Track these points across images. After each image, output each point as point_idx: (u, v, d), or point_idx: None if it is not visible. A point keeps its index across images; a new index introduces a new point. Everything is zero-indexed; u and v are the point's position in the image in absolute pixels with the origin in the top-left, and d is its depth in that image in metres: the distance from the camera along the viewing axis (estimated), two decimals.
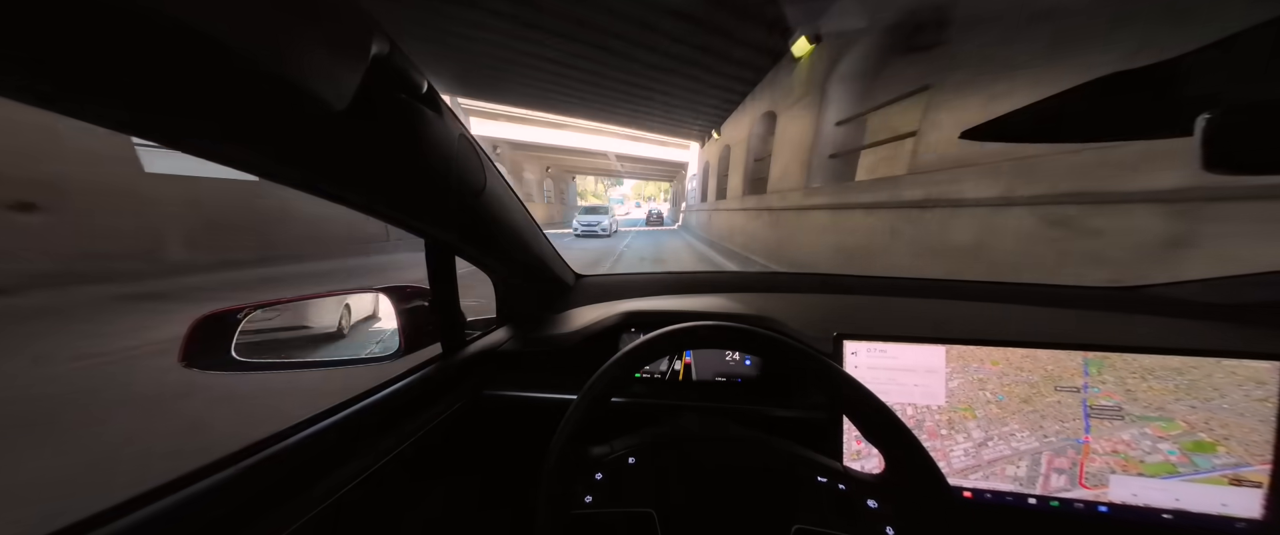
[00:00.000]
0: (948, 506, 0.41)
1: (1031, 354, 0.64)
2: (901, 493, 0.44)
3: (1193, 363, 0.58)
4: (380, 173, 0.48)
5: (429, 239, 0.72)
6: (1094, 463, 0.63)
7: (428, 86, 0.46)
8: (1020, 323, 0.87)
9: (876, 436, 0.44)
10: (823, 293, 1.12)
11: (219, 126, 0.31)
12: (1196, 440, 0.59)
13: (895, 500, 0.44)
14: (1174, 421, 0.60)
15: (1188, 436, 0.59)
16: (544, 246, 0.99)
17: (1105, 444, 0.63)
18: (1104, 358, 0.62)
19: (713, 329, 0.48)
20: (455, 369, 0.80)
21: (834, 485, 0.46)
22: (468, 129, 0.60)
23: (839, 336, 0.68)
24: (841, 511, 0.44)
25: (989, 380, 0.66)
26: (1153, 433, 0.61)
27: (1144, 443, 0.61)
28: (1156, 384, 0.60)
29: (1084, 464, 0.63)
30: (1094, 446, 0.63)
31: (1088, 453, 0.63)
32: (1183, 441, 0.59)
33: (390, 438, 0.62)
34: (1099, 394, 0.62)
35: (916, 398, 0.68)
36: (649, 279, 1.23)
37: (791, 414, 0.77)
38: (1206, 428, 0.58)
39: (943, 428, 0.67)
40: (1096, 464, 0.63)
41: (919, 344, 0.67)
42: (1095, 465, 0.63)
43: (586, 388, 0.48)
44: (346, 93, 0.33)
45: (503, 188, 0.74)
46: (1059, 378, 0.64)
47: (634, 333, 0.90)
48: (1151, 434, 0.61)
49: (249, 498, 0.44)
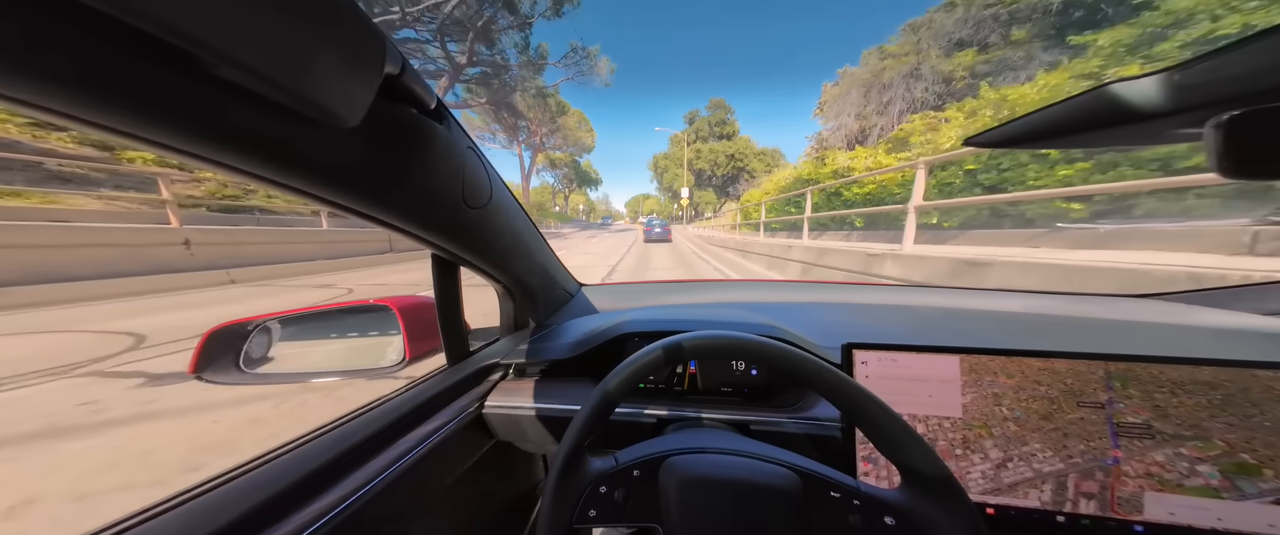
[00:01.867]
0: (970, 524, 0.40)
1: (1049, 367, 0.61)
2: (919, 513, 0.42)
3: (1226, 376, 0.54)
4: (389, 186, 0.48)
5: (435, 250, 0.72)
6: (1126, 486, 0.58)
7: (437, 101, 0.47)
8: (1037, 333, 0.83)
9: (891, 449, 0.43)
10: (829, 300, 1.10)
11: (236, 141, 0.32)
12: (1239, 462, 0.54)
13: (913, 519, 0.42)
14: (1212, 441, 0.55)
15: (1228, 458, 0.54)
16: (547, 256, 0.99)
17: (1137, 466, 0.58)
18: (1128, 370, 0.58)
19: (723, 342, 0.48)
20: (459, 380, 0.80)
21: (848, 502, 0.44)
22: (474, 142, 0.61)
23: (848, 346, 0.66)
24: (856, 530, 0.43)
25: (1004, 395, 0.62)
26: (1189, 453, 0.56)
27: (1180, 464, 0.56)
28: (1188, 399, 0.56)
29: (1115, 488, 0.58)
30: (1125, 468, 0.58)
31: (1119, 475, 0.58)
32: (1223, 463, 0.54)
33: (393, 450, 0.61)
34: (1125, 410, 0.58)
35: (930, 409, 0.64)
36: (651, 287, 1.24)
37: (802, 426, 0.74)
38: (1248, 448, 0.53)
39: (957, 448, 0.63)
40: (1129, 488, 0.58)
41: (932, 353, 0.64)
42: (1128, 489, 0.58)
43: (592, 398, 0.47)
44: (360, 109, 0.34)
45: (508, 198, 0.75)
46: (1080, 392, 0.60)
47: (638, 342, 0.89)
48: (1188, 455, 0.56)
49: (248, 514, 0.43)
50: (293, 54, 0.28)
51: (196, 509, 0.42)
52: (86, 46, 0.22)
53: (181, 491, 0.44)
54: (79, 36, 0.22)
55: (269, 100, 0.30)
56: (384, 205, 0.50)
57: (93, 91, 0.24)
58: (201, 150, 0.31)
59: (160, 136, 0.29)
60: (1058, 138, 0.52)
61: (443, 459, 0.72)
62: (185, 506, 0.42)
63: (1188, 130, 0.39)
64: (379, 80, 0.35)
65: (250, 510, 0.43)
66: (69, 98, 0.24)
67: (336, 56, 0.30)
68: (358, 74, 0.33)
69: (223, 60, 0.25)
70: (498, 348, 0.93)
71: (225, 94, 0.29)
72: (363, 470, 0.56)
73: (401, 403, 0.67)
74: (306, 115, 0.33)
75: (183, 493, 0.44)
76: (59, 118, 0.25)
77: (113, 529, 0.40)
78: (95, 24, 0.22)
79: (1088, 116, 0.44)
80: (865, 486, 0.45)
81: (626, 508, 0.46)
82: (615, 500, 0.46)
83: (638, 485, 0.47)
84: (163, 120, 0.28)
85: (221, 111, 0.30)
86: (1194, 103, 0.35)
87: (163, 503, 0.42)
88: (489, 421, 0.84)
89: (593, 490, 0.47)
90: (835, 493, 0.45)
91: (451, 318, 0.81)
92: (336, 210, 0.48)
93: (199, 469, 1.87)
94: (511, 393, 0.86)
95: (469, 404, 0.80)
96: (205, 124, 0.30)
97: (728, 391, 0.84)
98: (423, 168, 0.50)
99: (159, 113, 0.27)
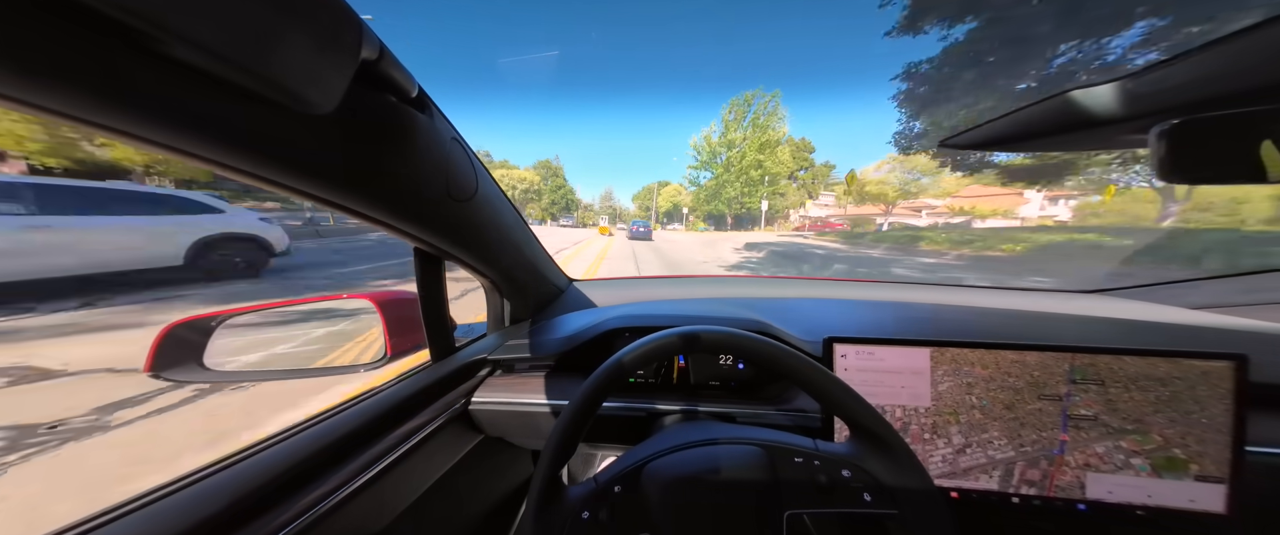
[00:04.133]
0: (909, 461, 0.44)
1: (1021, 359, 0.61)
2: (866, 458, 0.46)
3: (1178, 372, 0.56)
4: (369, 177, 0.46)
5: (418, 244, 0.69)
6: (1064, 476, 0.60)
7: (418, 90, 0.46)
8: (1011, 328, 0.88)
9: (866, 441, 0.46)
10: (813, 295, 1.14)
11: (203, 129, 0.30)
12: (1169, 456, 0.57)
13: (863, 464, 0.46)
14: (1149, 435, 0.58)
15: (1161, 452, 0.57)
16: (536, 251, 0.97)
17: (1078, 457, 0.60)
18: (1091, 365, 0.59)
19: (709, 335, 0.49)
20: (444, 376, 0.77)
21: (810, 463, 0.46)
22: (459, 132, 0.58)
23: (829, 340, 0.67)
24: (822, 489, 0.45)
25: (976, 384, 0.61)
26: (1126, 447, 0.59)
27: (1116, 457, 0.59)
28: (1139, 395, 0.58)
29: (1055, 476, 0.61)
30: (1068, 458, 0.60)
31: (1060, 464, 0.60)
32: (1155, 457, 0.58)
33: (376, 447, 0.60)
34: (1079, 402, 0.60)
35: (903, 399, 0.63)
36: (641, 282, 1.25)
37: (786, 417, 0.75)
38: (1181, 443, 0.57)
39: (927, 432, 0.62)
40: (1067, 477, 0.60)
41: (905, 346, 0.64)
42: (1066, 478, 0.60)
43: (575, 400, 0.47)
44: (334, 95, 0.32)
45: (495, 191, 0.72)
46: (1043, 385, 0.60)
47: (627, 337, 0.88)
48: (1125, 447, 0.59)
49: (224, 510, 0.42)
50: (256, 34, 0.26)
51: (171, 505, 0.41)
52: (31, 23, 0.20)
53: (155, 488, 0.42)
54: (18, 9, 0.20)
55: (233, 86, 0.28)
56: (363, 196, 0.48)
57: (34, 70, 0.22)
58: (161, 137, 0.29)
59: (115, 121, 0.26)
60: (1025, 141, 0.53)
61: (429, 455, 0.71)
62: (160, 503, 0.41)
63: (1135, 136, 0.41)
64: (354, 65, 0.34)
65: (227, 506, 0.42)
66: (8, 78, 0.21)
67: (306, 38, 0.29)
68: (331, 58, 0.31)
69: (177, 38, 0.24)
70: (484, 343, 0.91)
71: (184, 76, 0.26)
72: (345, 467, 0.55)
73: (384, 400, 0.66)
74: (277, 101, 0.30)
75: (156, 489, 0.42)
76: (27, 111, 0.23)
77: (86, 525, 0.38)
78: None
79: (1052, 121, 0.46)
80: (822, 445, 0.48)
81: (614, 527, 0.44)
82: (600, 521, 0.44)
83: (621, 500, 0.46)
84: (115, 102, 0.25)
85: (181, 94, 0.27)
86: (1142, 111, 0.38)
87: (135, 499, 0.41)
88: (476, 418, 0.82)
89: (574, 519, 0.44)
90: (798, 457, 0.47)
91: (436, 313, 0.78)
92: (314, 201, 0.45)
93: None
94: (499, 389, 0.84)
95: (455, 400, 0.78)
96: (164, 107, 0.27)
97: (715, 385, 0.85)
98: (404, 158, 0.48)
99: (110, 94, 0.25)
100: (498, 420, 0.82)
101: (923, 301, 1.05)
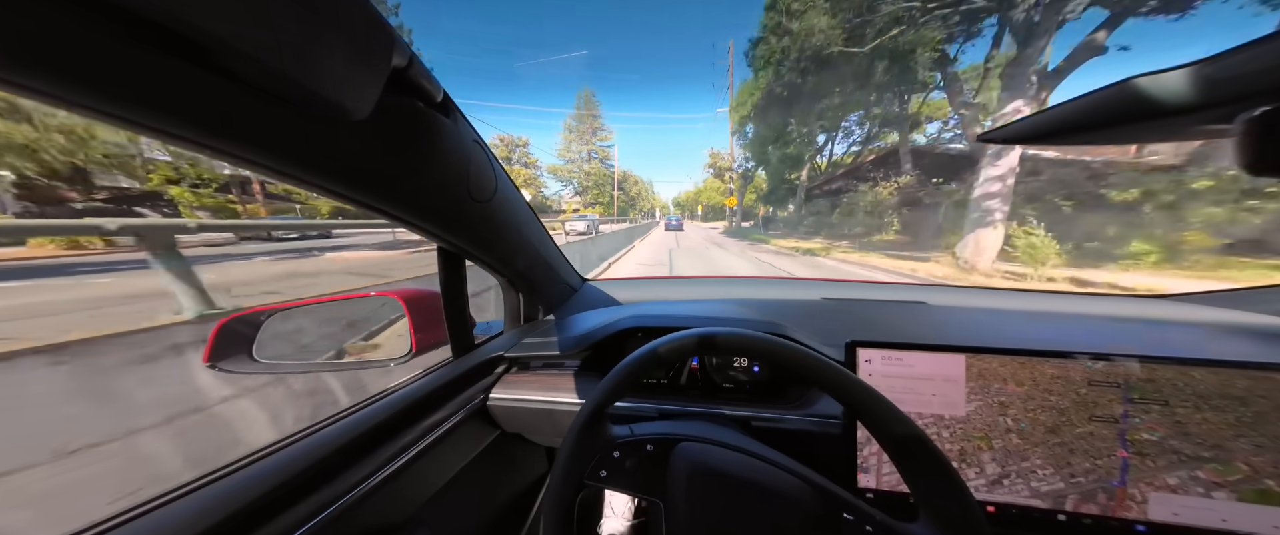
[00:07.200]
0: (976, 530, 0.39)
1: (1063, 374, 0.53)
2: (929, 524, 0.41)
3: (1262, 389, 0.47)
4: (397, 178, 0.48)
5: (441, 243, 0.71)
6: (1130, 511, 0.51)
7: (443, 95, 0.47)
8: (1051, 335, 0.80)
9: (899, 453, 0.41)
10: (832, 298, 1.10)
11: (245, 133, 0.32)
12: (1261, 488, 0.47)
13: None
14: (1233, 463, 0.48)
15: (1250, 483, 0.48)
16: (551, 251, 0.99)
17: (1144, 490, 0.51)
18: (1150, 382, 0.50)
19: (731, 338, 0.48)
20: (464, 372, 0.80)
21: (861, 527, 0.42)
22: (480, 135, 0.60)
23: (852, 344, 0.63)
24: None
25: (1011, 404, 0.54)
26: (1205, 477, 0.49)
27: (1195, 489, 0.49)
28: (1213, 416, 0.49)
29: (1116, 513, 0.51)
30: (1132, 491, 0.51)
31: (1122, 499, 0.51)
32: (1243, 489, 0.48)
33: (401, 440, 0.62)
34: (1140, 426, 0.51)
35: (936, 407, 0.57)
36: (655, 282, 1.26)
37: (802, 422, 0.72)
38: (1275, 473, 0.47)
39: (953, 459, 0.54)
40: (1131, 513, 0.51)
41: (937, 352, 0.58)
42: (1131, 514, 0.51)
43: (619, 368, 0.48)
44: (368, 102, 0.34)
45: (513, 192, 0.74)
46: (1095, 404, 0.52)
47: (641, 337, 0.88)
48: (1203, 478, 0.49)
49: (261, 498, 0.44)
50: (299, 45, 0.27)
51: (212, 494, 0.42)
52: (93, 36, 0.22)
53: (194, 478, 0.44)
54: (85, 24, 0.21)
55: (276, 93, 0.30)
56: (392, 198, 0.50)
57: (100, 80, 0.23)
58: (212, 142, 0.31)
59: (173, 127, 0.28)
60: (1076, 134, 0.48)
61: (449, 449, 0.73)
62: (201, 492, 0.42)
63: (1216, 126, 0.38)
64: (387, 73, 0.35)
65: (264, 494, 0.44)
66: (73, 86, 0.23)
67: (345, 50, 0.30)
68: (366, 67, 0.33)
69: (232, 55, 0.25)
70: (502, 341, 0.93)
71: (235, 85, 0.28)
72: (371, 458, 0.57)
73: (408, 394, 0.68)
74: (316, 109, 0.32)
75: (196, 480, 0.44)
76: (62, 104, 0.24)
77: (132, 514, 0.40)
78: (104, 11, 0.21)
79: (1111, 112, 0.42)
80: (881, 516, 0.43)
81: (635, 477, 0.48)
82: (626, 468, 0.49)
83: (648, 459, 0.49)
84: (173, 112, 0.27)
85: (231, 103, 0.29)
86: (1224, 98, 0.35)
87: (178, 489, 0.43)
88: (494, 413, 0.84)
89: (607, 452, 0.49)
90: (848, 514, 0.43)
91: (457, 310, 0.81)
92: (344, 203, 0.47)
93: None
94: (515, 385, 0.85)
95: (474, 396, 0.80)
96: (216, 117, 0.29)
97: (730, 388, 0.83)
98: (430, 160, 0.50)
99: (169, 105, 0.27)
100: (515, 416, 0.84)
101: (951, 304, 0.99)
